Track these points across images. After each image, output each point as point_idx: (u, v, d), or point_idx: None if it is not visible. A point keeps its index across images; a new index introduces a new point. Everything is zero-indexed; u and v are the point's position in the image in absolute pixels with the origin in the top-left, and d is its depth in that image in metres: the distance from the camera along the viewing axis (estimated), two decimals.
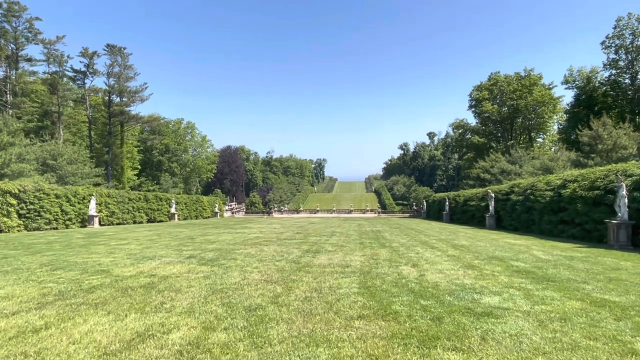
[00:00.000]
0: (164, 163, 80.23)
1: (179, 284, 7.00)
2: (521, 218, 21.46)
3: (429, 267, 8.76)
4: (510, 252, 11.71)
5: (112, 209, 31.12)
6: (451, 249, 12.36)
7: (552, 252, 11.53)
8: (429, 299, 5.87)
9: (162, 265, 9.04)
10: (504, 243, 14.61)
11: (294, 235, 18.26)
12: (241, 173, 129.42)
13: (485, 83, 65.76)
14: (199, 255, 10.92)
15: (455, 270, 8.43)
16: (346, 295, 6.09)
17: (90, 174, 38.94)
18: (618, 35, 47.53)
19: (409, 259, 10.20)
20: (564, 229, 16.89)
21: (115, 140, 57.31)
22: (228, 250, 11.98)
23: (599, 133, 28.88)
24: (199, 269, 8.55)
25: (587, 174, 15.86)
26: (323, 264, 9.26)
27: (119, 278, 7.51)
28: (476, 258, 10.30)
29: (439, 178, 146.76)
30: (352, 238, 17.02)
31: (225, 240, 15.84)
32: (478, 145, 65.41)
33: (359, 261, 9.81)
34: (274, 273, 8.06)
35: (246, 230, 21.83)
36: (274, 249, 12.56)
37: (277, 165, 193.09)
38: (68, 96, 58.36)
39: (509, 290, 6.43)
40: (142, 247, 13.16)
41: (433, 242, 14.85)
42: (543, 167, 31.86)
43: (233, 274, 7.91)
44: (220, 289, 6.54)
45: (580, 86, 51.78)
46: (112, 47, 55.55)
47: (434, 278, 7.50)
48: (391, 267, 8.89)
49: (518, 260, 9.82)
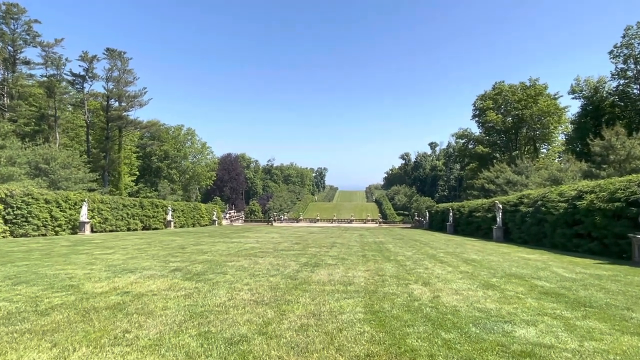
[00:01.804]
0: (162, 169, 79.26)
1: (154, 304, 5.98)
2: (531, 231, 20.39)
3: (442, 287, 7.73)
4: (527, 268, 10.67)
5: (105, 216, 30.07)
6: (463, 264, 11.32)
7: (573, 270, 10.48)
8: (451, 330, 4.83)
9: (141, 280, 8.02)
10: (517, 258, 13.57)
11: (292, 246, 17.22)
12: (241, 181, 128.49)
13: (490, 92, 64.91)
14: (185, 268, 9.89)
15: (473, 290, 7.39)
16: (350, 324, 5.07)
17: (84, 179, 37.89)
18: (626, 44, 46.68)
19: (419, 275, 9.17)
20: (580, 243, 15.82)
21: (112, 145, 56.36)
22: (219, 263, 10.95)
23: (611, 143, 27.82)
24: (182, 285, 7.52)
25: (606, 185, 14.84)
26: (323, 281, 8.23)
27: (86, 296, 6.49)
28: (493, 275, 9.26)
29: (441, 188, 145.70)
30: (353, 250, 15.98)
31: (219, 250, 14.80)
32: (482, 155, 64.36)
33: (362, 277, 8.78)
34: (267, 292, 7.04)
35: (242, 240, 20.78)
36: (269, 261, 11.52)
37: (277, 174, 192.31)
38: (67, 100, 57.63)
39: (543, 318, 5.40)
40: (127, 257, 12.13)
41: (441, 256, 13.81)
42: (551, 177, 30.79)
43: (219, 293, 6.88)
44: (200, 312, 5.52)
45: (588, 96, 50.80)
46: (111, 51, 54.90)
47: (451, 301, 6.46)
48: (400, 285, 7.85)
49: (540, 279, 8.78)
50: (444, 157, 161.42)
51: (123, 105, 57.24)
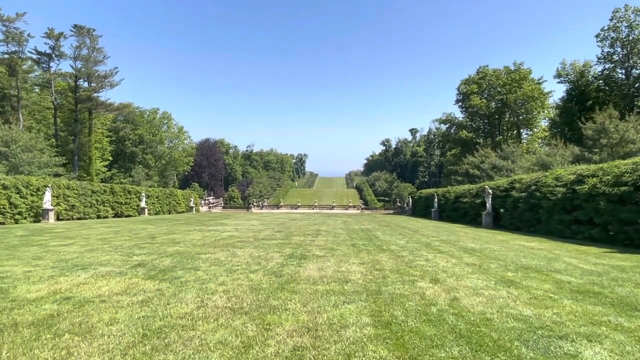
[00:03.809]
0: (137, 154, 76.14)
1: (98, 316, 4.57)
2: (524, 217, 19.60)
3: (455, 284, 6.55)
4: (537, 258, 9.64)
5: (72, 202, 28.06)
6: (465, 255, 10.21)
7: (588, 260, 9.50)
8: (497, 353, 3.61)
9: (91, 280, 6.56)
10: (519, 246, 12.60)
11: (274, 234, 15.89)
12: (220, 167, 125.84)
13: (474, 77, 64.09)
14: (151, 262, 8.45)
15: (492, 288, 6.23)
16: (359, 345, 3.79)
17: (49, 164, 35.34)
18: (614, 27, 46.11)
19: (422, 269, 7.98)
20: (579, 230, 15.00)
21: (82, 128, 53.14)
22: (191, 256, 9.53)
23: (605, 126, 27.22)
24: (142, 286, 6.11)
25: (610, 168, 13.96)
26: (313, 278, 6.95)
27: (12, 304, 5.02)
28: (505, 268, 8.16)
29: (421, 174, 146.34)
30: (341, 238, 14.77)
31: (193, 240, 13.34)
32: (465, 141, 63.80)
33: (359, 272, 7.53)
34: (246, 294, 5.70)
35: (220, 228, 19.32)
36: (249, 253, 10.17)
37: (257, 160, 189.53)
38: (32, 81, 53.98)
39: (601, 330, 4.24)
40: (86, 249, 10.57)
41: (437, 245, 12.72)
42: (539, 162, 30.25)
43: (187, 297, 5.51)
44: (158, 329, 4.15)
45: (573, 80, 50.33)
46: (79, 27, 51.26)
47: (475, 305, 5.27)
48: (405, 283, 6.63)
49: (560, 272, 7.71)
50: (424, 144, 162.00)
51: (93, 85, 53.85)
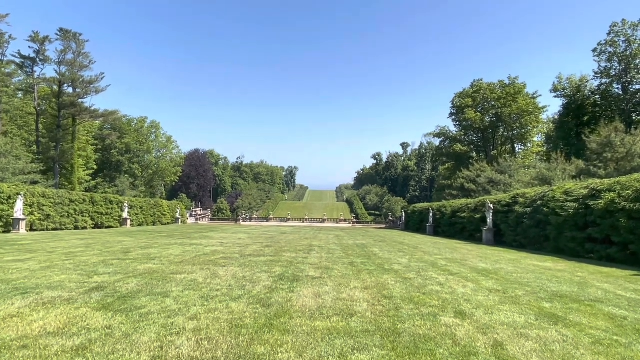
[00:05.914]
0: (123, 164, 74.00)
1: None
2: (529, 233, 18.44)
3: (487, 320, 5.23)
4: (565, 283, 8.39)
5: (47, 212, 26.30)
6: (481, 278, 8.92)
7: (622, 285, 8.28)
8: None
9: (27, 310, 5.11)
10: (534, 267, 11.36)
11: (262, 250, 14.45)
12: (209, 178, 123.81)
13: (468, 90, 63.65)
14: (113, 285, 6.99)
15: (537, 327, 4.93)
16: None
17: (25, 170, 33.45)
18: (611, 42, 46.03)
19: (440, 297, 6.65)
20: (594, 249, 13.85)
21: (65, 135, 51.04)
22: (164, 276, 8.08)
23: (610, 139, 26.43)
24: (88, 321, 4.68)
25: (629, 182, 12.88)
26: (310, 309, 5.57)
27: None
28: (536, 296, 6.87)
29: (412, 189, 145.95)
30: (336, 255, 13.40)
31: (171, 256, 11.84)
32: (459, 155, 63.09)
33: (364, 301, 6.18)
34: (223, 335, 4.31)
35: (204, 242, 17.80)
36: (233, 272, 8.75)
37: (247, 172, 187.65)
38: (16, 85, 52.00)
39: None
40: (42, 266, 9.05)
41: (444, 264, 11.42)
42: (539, 177, 29.31)
43: (141, 339, 4.10)
44: None
45: (570, 95, 50.00)
46: (65, 31, 49.63)
47: (526, 353, 3.95)
48: (425, 317, 5.29)
49: (602, 303, 6.46)
50: (416, 158, 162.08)
51: (77, 91, 51.93)
